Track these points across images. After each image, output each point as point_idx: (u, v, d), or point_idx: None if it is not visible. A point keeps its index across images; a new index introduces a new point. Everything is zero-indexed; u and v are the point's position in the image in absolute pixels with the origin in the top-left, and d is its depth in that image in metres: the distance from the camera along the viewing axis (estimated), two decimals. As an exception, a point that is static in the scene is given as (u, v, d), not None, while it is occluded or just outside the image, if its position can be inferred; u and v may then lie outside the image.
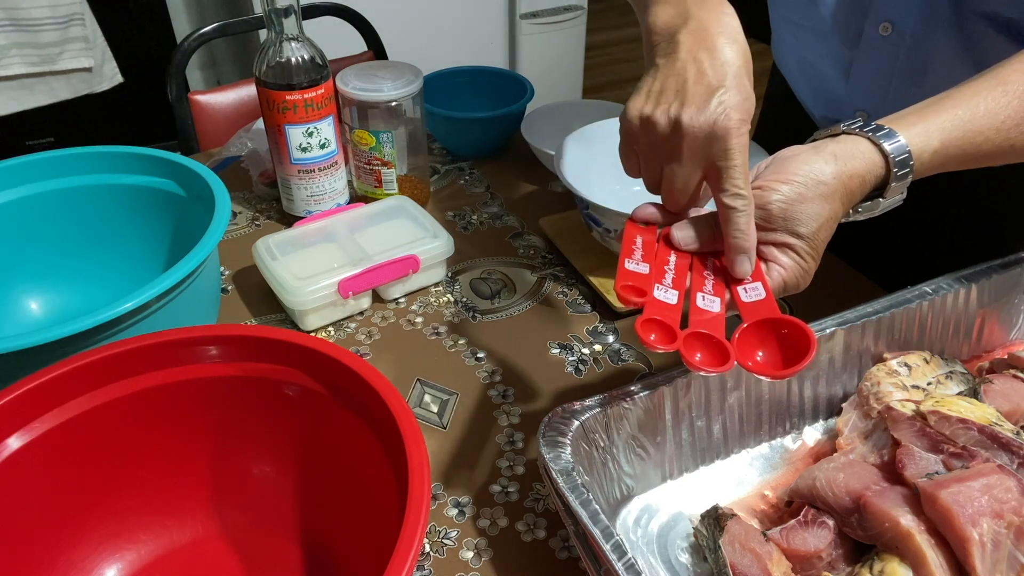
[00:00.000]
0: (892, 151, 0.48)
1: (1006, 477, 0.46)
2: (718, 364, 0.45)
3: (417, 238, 0.78)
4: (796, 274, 0.49)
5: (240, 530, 0.54)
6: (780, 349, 0.46)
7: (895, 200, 0.51)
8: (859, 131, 0.50)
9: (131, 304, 0.53)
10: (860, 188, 0.49)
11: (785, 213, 0.48)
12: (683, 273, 0.50)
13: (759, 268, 0.49)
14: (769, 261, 0.50)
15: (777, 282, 0.49)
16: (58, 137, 2.07)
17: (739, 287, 0.49)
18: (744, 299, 0.48)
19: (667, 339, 0.46)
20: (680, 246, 0.52)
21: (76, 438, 0.49)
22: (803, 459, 0.60)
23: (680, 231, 0.52)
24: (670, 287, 0.49)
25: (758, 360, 0.46)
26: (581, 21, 2.32)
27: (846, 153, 0.48)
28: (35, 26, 1.76)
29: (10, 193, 0.71)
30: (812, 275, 0.50)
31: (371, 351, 0.73)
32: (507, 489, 0.60)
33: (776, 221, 0.48)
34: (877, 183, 0.50)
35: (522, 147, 1.01)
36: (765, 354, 0.46)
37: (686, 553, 0.53)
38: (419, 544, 0.38)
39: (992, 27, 0.63)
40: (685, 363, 0.46)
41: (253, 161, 0.96)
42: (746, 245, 0.48)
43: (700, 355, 0.46)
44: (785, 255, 0.49)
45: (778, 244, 0.49)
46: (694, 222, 0.52)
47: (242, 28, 1.34)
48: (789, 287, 0.49)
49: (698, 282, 0.50)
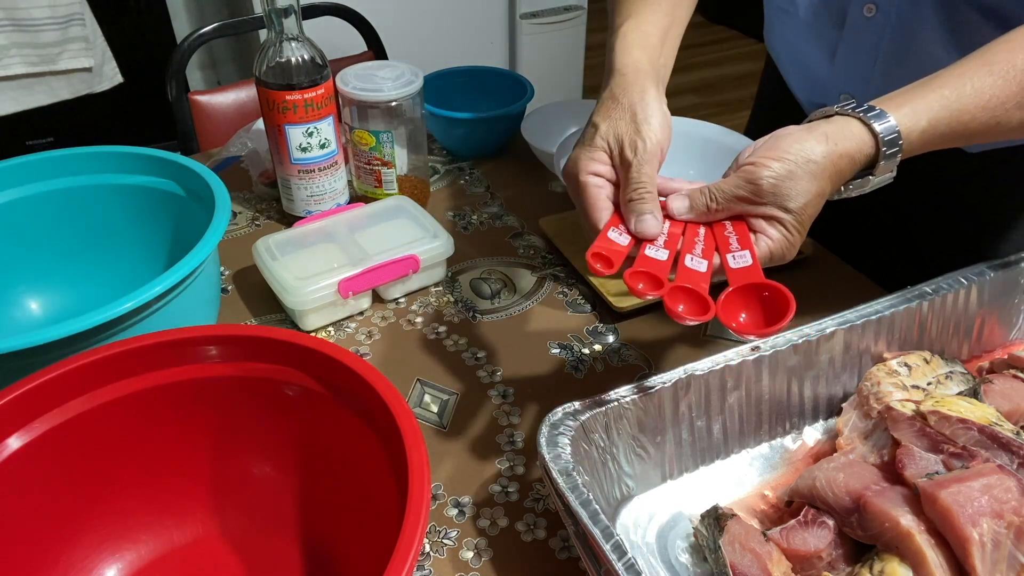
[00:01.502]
0: (882, 131, 0.50)
1: (1006, 477, 0.46)
2: (700, 314, 0.48)
3: (417, 238, 0.78)
4: (783, 246, 0.51)
5: (240, 530, 0.54)
6: (762, 312, 0.49)
7: (884, 178, 0.53)
8: (851, 112, 0.52)
9: (131, 304, 0.53)
10: (850, 167, 0.51)
11: (775, 189, 0.50)
12: (675, 238, 0.53)
13: (747, 237, 0.51)
14: (758, 232, 0.52)
15: (764, 252, 0.51)
16: (58, 137, 2.07)
17: (728, 254, 0.51)
18: (732, 265, 0.50)
19: (654, 288, 0.49)
20: (675, 216, 0.54)
21: (76, 438, 0.49)
22: (803, 459, 0.60)
23: (675, 201, 0.54)
24: (661, 247, 0.52)
25: (741, 321, 0.49)
26: (581, 21, 2.32)
27: (837, 134, 0.51)
28: (35, 26, 1.76)
29: (10, 193, 0.71)
30: (797, 248, 0.52)
31: (371, 351, 0.73)
32: (507, 489, 0.60)
33: (766, 196, 0.50)
34: (867, 162, 0.52)
35: (522, 147, 1.01)
36: (748, 316, 0.49)
37: (686, 553, 0.53)
38: (419, 544, 0.38)
39: (975, 9, 0.65)
40: (668, 312, 0.48)
41: (253, 161, 0.96)
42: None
43: (683, 306, 0.48)
44: (773, 228, 0.51)
45: (767, 217, 0.51)
46: (690, 194, 0.54)
47: (242, 28, 1.34)
48: (775, 258, 0.51)
49: (688, 246, 0.52)
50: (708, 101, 2.92)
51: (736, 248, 0.51)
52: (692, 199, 0.53)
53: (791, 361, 0.58)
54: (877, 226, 0.87)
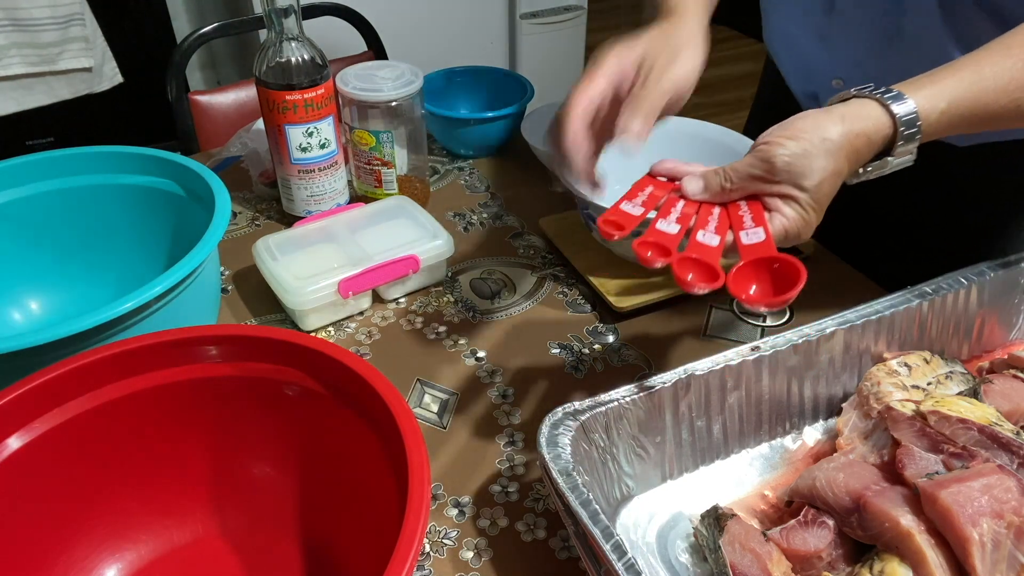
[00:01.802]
0: (900, 112, 0.50)
1: (1006, 477, 0.46)
2: (709, 282, 0.48)
3: (417, 238, 0.78)
4: (798, 224, 0.51)
5: (240, 530, 0.54)
6: (772, 284, 0.49)
7: (904, 160, 0.53)
8: (868, 94, 0.52)
9: (131, 304, 0.53)
10: (867, 147, 0.51)
11: (789, 167, 0.50)
12: (688, 217, 0.53)
13: (762, 216, 0.51)
14: (772, 211, 0.52)
15: (779, 230, 0.51)
16: (58, 137, 2.07)
17: (741, 231, 0.51)
18: (744, 241, 0.50)
19: (662, 255, 0.49)
20: (690, 196, 0.54)
21: (76, 438, 0.49)
22: (803, 459, 0.60)
23: (690, 183, 0.54)
24: (673, 222, 0.52)
25: (751, 294, 0.49)
26: (581, 21, 2.32)
27: (854, 114, 0.51)
28: (35, 26, 1.76)
29: (10, 193, 0.71)
30: (814, 228, 0.52)
31: (371, 351, 0.73)
32: (507, 489, 0.60)
33: (780, 174, 0.50)
34: (885, 143, 0.52)
35: (522, 147, 1.00)
36: (759, 287, 0.49)
37: (686, 553, 0.53)
38: (419, 544, 0.38)
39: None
40: (676, 281, 0.48)
41: (253, 161, 0.96)
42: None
43: (692, 275, 0.48)
44: (788, 206, 0.51)
45: (782, 196, 0.51)
46: (704, 174, 0.54)
47: (242, 28, 1.34)
48: (791, 236, 0.51)
49: (702, 222, 0.52)
50: (708, 101, 2.92)
51: (750, 226, 0.51)
52: (707, 179, 0.54)
53: (791, 361, 0.58)
54: (877, 226, 0.87)
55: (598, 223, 0.51)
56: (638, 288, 0.77)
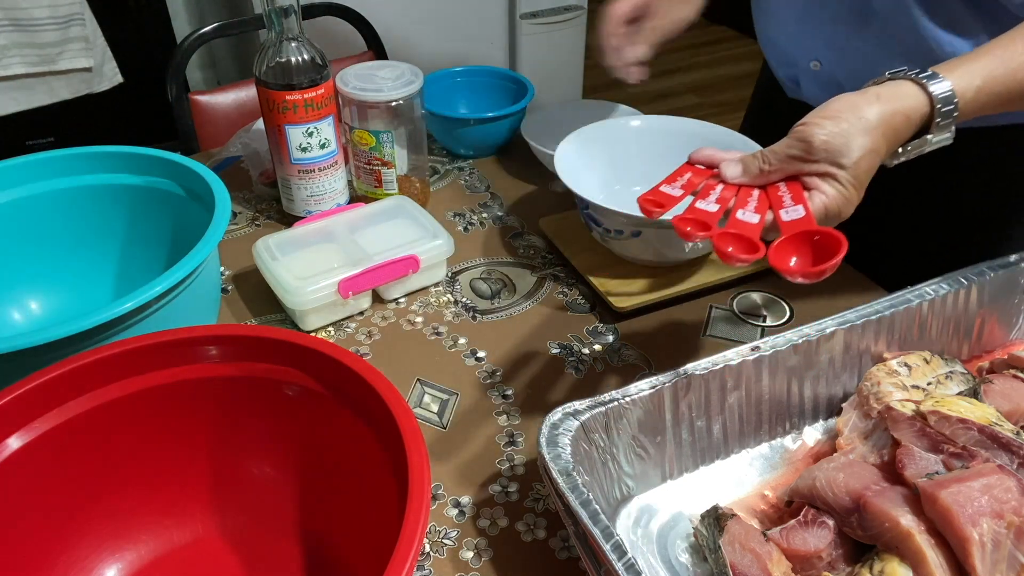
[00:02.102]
0: (936, 91, 0.51)
1: (1006, 477, 0.46)
2: (751, 253, 0.48)
3: (417, 238, 0.78)
4: (838, 202, 0.51)
5: (240, 530, 0.54)
6: (812, 255, 0.49)
7: (943, 139, 0.53)
8: (904, 75, 0.53)
9: (131, 304, 0.53)
10: (905, 125, 0.52)
11: (827, 145, 0.50)
12: (727, 200, 0.53)
13: (801, 195, 0.52)
14: (812, 190, 0.52)
15: (819, 208, 0.51)
16: (58, 137, 2.07)
17: (781, 209, 0.51)
18: (784, 218, 0.50)
19: (701, 230, 0.50)
20: (728, 180, 0.55)
21: (76, 438, 0.49)
22: (803, 459, 0.60)
23: (729, 167, 0.55)
24: (712, 202, 0.53)
25: (791, 266, 0.49)
26: (581, 21, 2.32)
27: (890, 94, 0.52)
28: (35, 26, 1.76)
29: (10, 193, 0.71)
30: (854, 205, 0.52)
31: (371, 351, 0.73)
32: (507, 489, 0.60)
33: (818, 153, 0.51)
34: (923, 122, 0.52)
35: (522, 147, 1.00)
36: (799, 260, 0.49)
37: (686, 553, 0.53)
38: (419, 544, 0.38)
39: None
40: (717, 253, 0.49)
41: (253, 161, 0.96)
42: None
43: (732, 247, 0.49)
44: (827, 184, 0.51)
45: (821, 174, 0.52)
46: (742, 158, 0.55)
47: (242, 28, 1.34)
48: (831, 213, 0.52)
49: (741, 203, 0.53)
50: (708, 101, 2.92)
51: (790, 204, 0.51)
52: (745, 163, 0.54)
53: (791, 361, 0.58)
54: (877, 226, 0.87)
55: (638, 201, 0.53)
56: (638, 288, 0.77)
